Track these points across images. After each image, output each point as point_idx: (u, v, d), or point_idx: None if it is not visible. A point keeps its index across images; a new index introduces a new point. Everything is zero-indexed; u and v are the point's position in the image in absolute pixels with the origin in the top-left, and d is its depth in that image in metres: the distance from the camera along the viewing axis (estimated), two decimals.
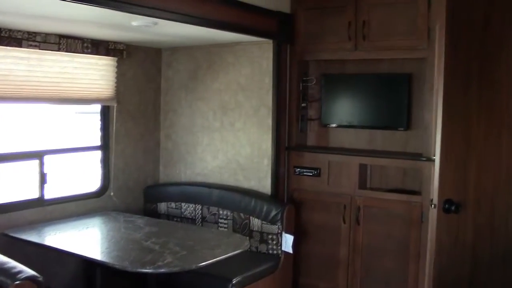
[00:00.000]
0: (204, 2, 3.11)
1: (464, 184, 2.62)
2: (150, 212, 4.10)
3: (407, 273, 3.47)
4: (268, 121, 3.77)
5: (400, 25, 3.43)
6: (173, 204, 4.03)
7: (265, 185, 3.81)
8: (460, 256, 2.71)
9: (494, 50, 2.60)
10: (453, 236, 2.60)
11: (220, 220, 3.82)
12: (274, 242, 3.56)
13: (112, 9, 2.58)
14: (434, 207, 2.44)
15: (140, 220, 3.54)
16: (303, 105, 3.97)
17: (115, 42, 3.75)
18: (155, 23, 3.01)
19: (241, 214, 3.71)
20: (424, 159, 3.37)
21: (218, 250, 2.94)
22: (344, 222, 3.66)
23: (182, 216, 3.98)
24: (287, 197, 3.90)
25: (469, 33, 2.54)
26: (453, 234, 2.59)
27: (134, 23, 3.01)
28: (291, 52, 3.83)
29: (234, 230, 3.71)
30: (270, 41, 3.71)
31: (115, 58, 3.83)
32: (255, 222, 3.64)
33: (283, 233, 3.51)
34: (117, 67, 3.87)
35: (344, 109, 3.88)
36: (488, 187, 2.72)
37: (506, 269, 2.78)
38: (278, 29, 3.68)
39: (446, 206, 2.46)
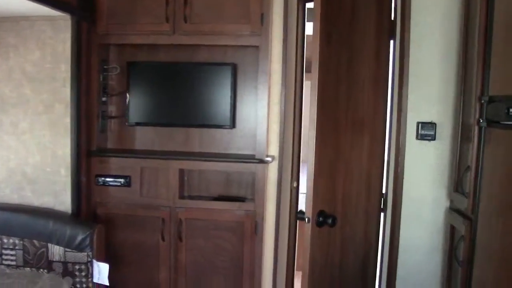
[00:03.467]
0: None
1: (334, 193, 2.71)
2: None
3: None
4: (65, 120, 3.33)
5: (229, 7, 3.35)
6: None
7: (63, 201, 3.36)
8: (329, 275, 2.79)
9: (359, 45, 2.75)
10: (325, 253, 2.66)
11: (5, 252, 3.24)
12: (83, 274, 3.17)
13: None
14: (308, 221, 2.44)
15: None
16: (103, 99, 3.64)
17: None
18: None
19: (35, 242, 3.18)
20: (256, 161, 3.41)
21: None
22: (163, 240, 3.48)
23: None
24: (93, 214, 3.54)
25: (339, 21, 2.60)
26: (324, 251, 2.66)
27: None
28: (91, 33, 3.45)
29: (26, 263, 3.19)
30: (68, 17, 3.25)
31: None
32: (56, 250, 3.16)
33: (94, 261, 3.16)
34: None
35: (154, 105, 3.67)
36: (352, 195, 2.87)
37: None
38: (78, 2, 3.28)
39: (320, 219, 2.49)
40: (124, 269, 3.54)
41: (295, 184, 3.70)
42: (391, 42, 3.18)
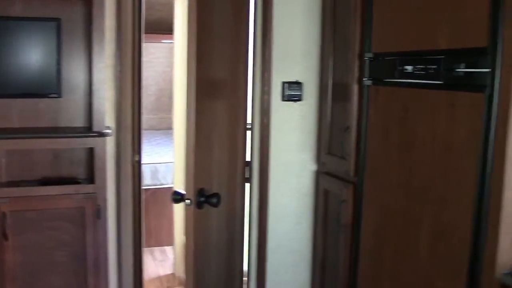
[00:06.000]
0: None
1: (211, 167, 2.61)
2: None
3: None
4: None
5: None
6: None
7: None
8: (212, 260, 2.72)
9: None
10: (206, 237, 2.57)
11: None
12: None
13: None
14: (191, 203, 2.32)
15: None
16: None
17: None
18: None
19: None
20: (94, 134, 3.15)
21: None
22: None
23: None
24: None
25: None
26: (204, 231, 2.56)
27: None
28: None
29: None
30: None
31: None
32: None
33: None
34: None
35: None
36: (223, 167, 2.79)
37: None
38: None
39: (201, 199, 2.38)
40: None
41: (136, 158, 3.52)
42: None
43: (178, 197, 2.46)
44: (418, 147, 2.22)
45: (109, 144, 3.33)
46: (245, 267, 3.26)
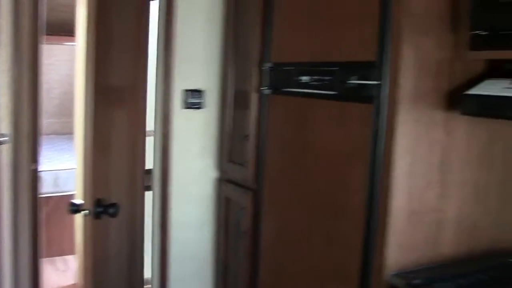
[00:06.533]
0: None
1: (109, 177, 2.56)
2: None
3: None
4: None
5: None
6: None
7: None
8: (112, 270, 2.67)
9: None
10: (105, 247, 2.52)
11: None
12: None
13: None
14: (89, 213, 2.27)
15: None
16: None
17: None
18: None
19: None
20: None
21: None
22: None
23: None
24: None
25: None
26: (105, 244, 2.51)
27: None
28: None
29: None
30: None
31: None
32: None
33: None
34: None
35: None
36: (123, 175, 2.75)
37: None
38: None
39: (98, 209, 2.33)
40: None
41: (33, 167, 3.41)
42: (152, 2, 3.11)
43: (74, 208, 2.41)
44: (313, 154, 2.30)
45: (5, 152, 3.21)
46: (149, 275, 3.24)
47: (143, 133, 3.05)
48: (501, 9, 1.71)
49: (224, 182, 3.17)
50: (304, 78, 2.34)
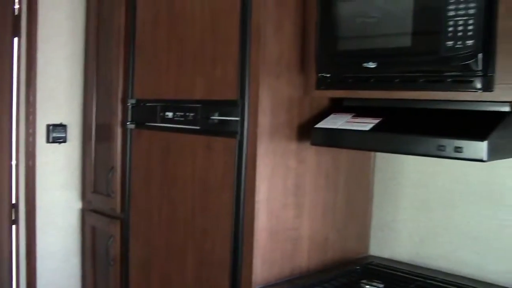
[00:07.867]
0: None
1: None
2: None
3: None
4: None
5: None
6: None
7: None
8: None
9: None
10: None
11: None
12: None
13: None
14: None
15: None
16: None
17: None
18: None
19: None
20: None
21: None
22: None
23: None
24: None
25: None
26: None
27: None
28: None
29: None
30: None
31: None
32: None
33: None
34: None
35: None
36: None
37: None
38: None
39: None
40: None
41: None
42: (16, 39, 3.13)
43: None
44: (179, 184, 2.48)
45: None
46: None
47: (8, 167, 3.07)
48: (339, 57, 2.04)
49: (89, 212, 3.25)
50: (168, 114, 2.52)
